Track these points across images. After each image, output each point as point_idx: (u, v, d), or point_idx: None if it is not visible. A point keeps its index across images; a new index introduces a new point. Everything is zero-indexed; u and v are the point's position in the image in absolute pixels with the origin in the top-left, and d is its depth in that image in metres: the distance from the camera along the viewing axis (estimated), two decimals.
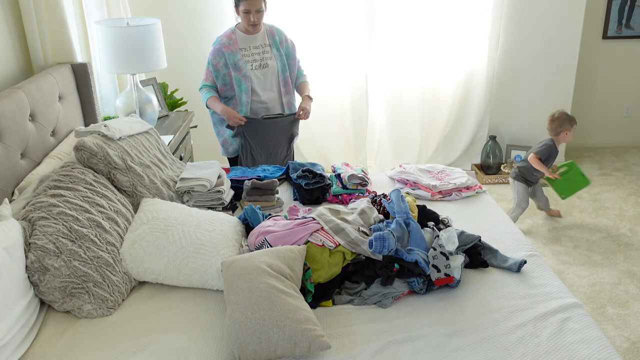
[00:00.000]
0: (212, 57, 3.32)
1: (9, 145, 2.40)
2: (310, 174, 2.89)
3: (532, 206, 4.35)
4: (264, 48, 3.35)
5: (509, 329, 1.93)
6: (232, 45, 3.30)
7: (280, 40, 3.38)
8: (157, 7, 4.39)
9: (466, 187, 2.97)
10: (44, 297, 2.02)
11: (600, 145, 5.54)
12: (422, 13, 4.48)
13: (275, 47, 3.36)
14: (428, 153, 4.93)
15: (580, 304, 2.06)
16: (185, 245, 2.21)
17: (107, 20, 3.37)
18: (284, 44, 3.40)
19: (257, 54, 3.33)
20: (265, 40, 3.36)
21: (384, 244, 2.13)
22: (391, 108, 4.73)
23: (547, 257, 3.66)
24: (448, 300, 2.10)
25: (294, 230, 2.24)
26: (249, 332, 1.79)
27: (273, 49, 3.36)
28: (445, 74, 4.69)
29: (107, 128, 2.59)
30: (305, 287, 2.08)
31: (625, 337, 2.92)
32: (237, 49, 3.30)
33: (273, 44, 3.36)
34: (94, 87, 3.17)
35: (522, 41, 4.73)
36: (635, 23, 5.08)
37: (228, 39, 3.32)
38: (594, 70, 5.26)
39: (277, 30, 3.41)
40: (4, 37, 2.75)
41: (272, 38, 3.36)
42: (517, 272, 2.26)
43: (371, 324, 1.97)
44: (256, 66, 3.32)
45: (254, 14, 3.18)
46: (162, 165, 2.80)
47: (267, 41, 3.36)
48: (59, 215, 2.10)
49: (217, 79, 3.35)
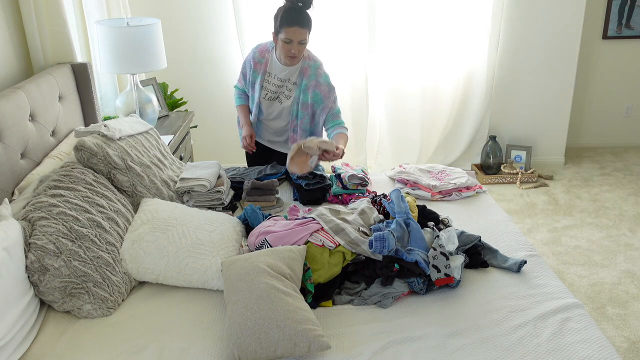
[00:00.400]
0: (243, 65, 3.09)
1: (9, 145, 2.40)
2: (310, 175, 2.89)
3: (531, 206, 4.35)
4: (287, 84, 2.96)
5: (509, 329, 1.93)
6: (262, 64, 2.97)
7: (308, 86, 2.92)
8: (157, 7, 4.39)
9: (466, 187, 2.97)
10: (44, 297, 2.02)
11: (600, 145, 5.54)
12: (422, 13, 4.48)
13: (299, 89, 2.94)
14: (428, 153, 4.93)
15: (580, 304, 2.06)
16: (185, 245, 2.21)
17: (107, 20, 3.37)
18: (312, 89, 2.93)
19: (278, 85, 2.97)
20: (294, 77, 2.94)
21: (384, 244, 2.13)
22: (391, 108, 4.73)
23: (547, 257, 3.66)
24: (448, 300, 2.10)
25: (294, 230, 2.24)
26: (249, 332, 1.79)
27: (297, 89, 2.95)
28: (446, 74, 4.69)
29: (107, 128, 2.59)
30: (305, 287, 2.08)
31: (625, 337, 2.92)
32: (262, 71, 2.97)
33: (299, 85, 2.94)
34: (94, 87, 3.17)
35: (522, 41, 4.73)
36: (635, 23, 5.08)
37: (261, 55, 2.98)
38: (594, 70, 5.26)
39: (312, 71, 2.93)
40: (4, 37, 2.75)
41: (301, 78, 2.93)
42: (517, 272, 2.26)
43: (371, 324, 1.97)
44: (269, 97, 3.01)
45: (296, 45, 2.76)
46: (162, 165, 2.80)
47: (295, 79, 2.94)
48: (59, 215, 2.10)
49: (245, 85, 3.15)
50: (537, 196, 4.54)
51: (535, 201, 4.45)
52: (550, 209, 4.32)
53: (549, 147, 5.09)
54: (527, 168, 4.88)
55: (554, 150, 5.11)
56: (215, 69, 4.62)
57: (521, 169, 4.85)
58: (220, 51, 4.57)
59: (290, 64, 2.89)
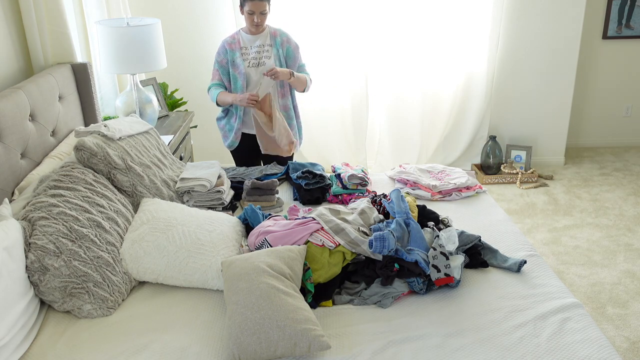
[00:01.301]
0: (217, 55, 3.39)
1: (9, 145, 2.40)
2: (310, 175, 2.89)
3: (531, 206, 4.36)
4: (264, 47, 3.37)
5: (509, 329, 1.93)
6: (235, 44, 3.36)
7: (282, 41, 3.38)
8: (157, 7, 4.39)
9: (466, 187, 2.97)
10: (44, 297, 2.02)
11: (600, 145, 5.54)
12: (422, 13, 4.48)
13: (275, 47, 3.37)
14: (428, 153, 4.93)
15: (580, 304, 2.06)
16: (185, 245, 2.21)
17: (107, 20, 3.37)
18: (285, 44, 3.38)
19: (256, 52, 3.36)
20: (267, 40, 3.38)
21: (384, 244, 2.13)
22: (391, 108, 4.73)
23: (547, 257, 3.66)
24: (448, 300, 2.10)
25: (294, 230, 2.24)
26: (249, 332, 1.79)
27: (273, 48, 3.37)
28: (446, 74, 4.69)
29: (107, 128, 2.59)
30: (305, 287, 2.08)
31: (625, 337, 2.92)
32: (237, 47, 3.35)
33: (274, 44, 3.37)
34: (94, 87, 3.17)
35: (522, 41, 4.73)
36: (635, 23, 5.08)
37: (232, 38, 3.39)
38: (594, 70, 5.26)
39: (280, 32, 3.41)
40: (4, 37, 2.75)
41: (274, 39, 3.38)
42: (517, 272, 2.26)
43: (371, 324, 1.97)
44: (253, 64, 3.34)
45: (258, 15, 3.23)
46: (162, 165, 2.80)
47: (269, 41, 3.38)
48: (59, 215, 2.10)
49: (223, 75, 3.39)
50: (537, 196, 4.54)
51: (535, 201, 4.45)
52: (550, 209, 4.32)
53: (549, 147, 5.09)
54: (527, 168, 4.88)
55: (554, 150, 5.11)
56: None
57: (521, 169, 4.85)
58: None
59: (256, 32, 3.33)
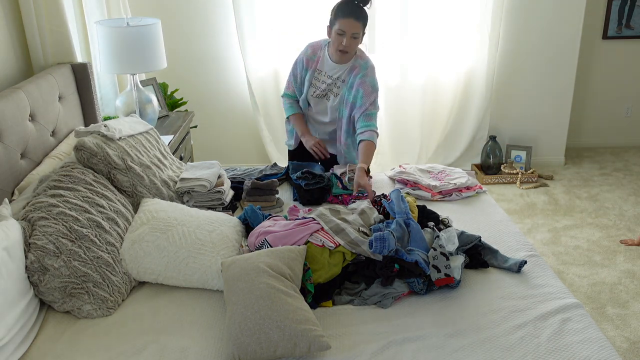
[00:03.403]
0: (295, 66, 3.06)
1: (9, 145, 2.40)
2: (310, 175, 2.89)
3: (531, 206, 4.36)
4: (337, 82, 2.95)
5: (509, 329, 1.93)
6: (314, 61, 2.97)
7: (355, 83, 2.92)
8: (157, 7, 4.39)
9: (466, 187, 2.97)
10: (43, 297, 2.02)
11: (600, 145, 5.54)
12: (422, 14, 4.48)
13: (346, 86, 2.94)
14: (428, 153, 4.93)
15: (580, 304, 2.06)
16: (185, 245, 2.21)
17: (107, 20, 3.37)
18: (356, 88, 2.91)
19: (327, 83, 2.96)
20: (343, 75, 2.94)
21: (384, 244, 2.13)
22: (391, 108, 4.73)
23: (547, 257, 3.66)
24: (448, 301, 2.10)
25: (294, 230, 2.24)
26: (249, 333, 1.79)
27: (344, 87, 2.94)
28: (445, 74, 4.69)
29: (107, 128, 2.59)
30: (305, 288, 2.08)
31: (625, 337, 2.92)
32: (313, 68, 2.97)
33: (347, 83, 2.94)
34: (94, 87, 3.17)
35: (522, 41, 4.73)
36: (635, 23, 5.08)
37: (313, 52, 2.97)
38: (594, 70, 5.26)
39: (362, 69, 2.91)
40: (4, 37, 2.75)
41: (349, 76, 2.93)
42: (518, 273, 2.26)
43: (371, 324, 1.97)
44: (318, 94, 3.01)
45: (348, 38, 2.75)
46: (162, 165, 2.80)
47: (344, 77, 2.94)
48: (59, 215, 2.10)
49: (296, 89, 3.09)
50: (537, 196, 4.54)
51: (535, 201, 4.45)
52: (550, 209, 4.32)
53: (549, 147, 5.09)
54: (527, 168, 4.88)
55: (554, 150, 5.11)
56: (215, 69, 4.62)
57: (521, 169, 4.85)
58: (220, 51, 4.57)
59: (340, 61, 2.89)
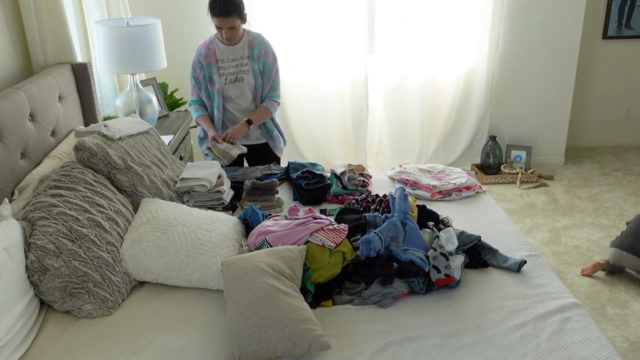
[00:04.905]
0: (193, 69, 3.18)
1: (9, 145, 2.40)
2: (310, 175, 2.89)
3: (531, 206, 4.36)
4: (242, 60, 3.12)
5: (509, 329, 1.93)
6: (210, 56, 3.11)
7: (260, 54, 3.12)
8: (157, 7, 4.39)
9: (466, 187, 2.97)
10: (44, 297, 2.02)
11: (600, 145, 5.54)
12: (422, 13, 4.48)
13: (252, 60, 3.12)
14: (428, 153, 4.93)
15: (580, 304, 2.06)
16: (185, 245, 2.21)
17: (107, 20, 3.37)
18: (263, 58, 3.13)
19: (234, 66, 3.12)
20: (244, 52, 3.12)
21: (370, 246, 2.17)
22: (391, 108, 4.73)
23: (547, 257, 3.66)
24: (448, 300, 2.10)
25: (294, 230, 2.24)
26: (249, 332, 1.79)
27: (251, 61, 3.12)
28: (445, 74, 4.69)
29: (107, 128, 2.59)
30: (305, 287, 2.08)
31: (625, 337, 2.92)
32: (213, 61, 3.11)
33: (251, 56, 3.12)
34: (94, 87, 3.17)
35: (522, 41, 4.73)
36: (635, 23, 5.08)
37: (207, 49, 3.13)
38: (594, 70, 5.25)
39: (259, 42, 3.14)
40: (4, 37, 2.75)
41: (251, 50, 3.12)
42: (517, 272, 2.26)
43: (371, 324, 1.97)
44: (230, 80, 3.13)
45: (227, 31, 2.99)
46: (162, 165, 2.80)
47: (247, 53, 3.12)
48: (59, 215, 2.10)
49: (200, 91, 3.19)
50: (537, 196, 4.54)
51: (535, 201, 4.45)
52: (550, 209, 4.32)
53: (549, 147, 5.09)
54: (527, 168, 4.88)
55: (554, 150, 5.11)
56: None
57: (521, 169, 4.85)
58: None
59: (230, 44, 3.10)
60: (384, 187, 3.03)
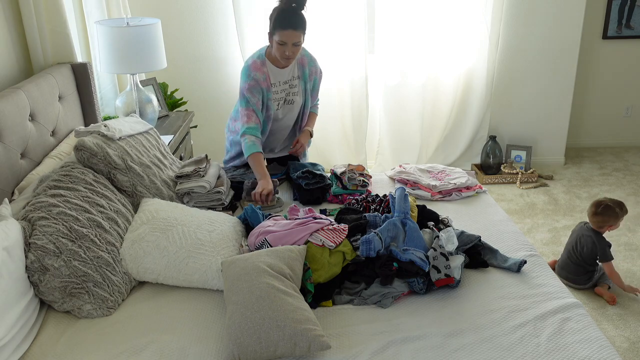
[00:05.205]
0: (251, 95, 2.82)
1: (9, 145, 2.40)
2: (310, 175, 2.89)
3: (531, 206, 4.36)
4: (292, 82, 2.93)
5: (509, 329, 1.93)
6: (266, 81, 2.85)
7: (310, 72, 2.96)
8: (157, 7, 4.39)
9: (466, 187, 2.97)
10: (44, 297, 2.02)
11: (600, 145, 5.54)
12: (422, 14, 4.48)
13: (304, 80, 2.93)
14: (428, 153, 4.93)
15: (580, 304, 2.06)
16: (185, 245, 2.21)
17: (107, 20, 3.37)
18: (313, 76, 2.98)
19: (284, 89, 2.92)
20: (294, 72, 2.92)
21: (370, 246, 2.17)
22: (391, 108, 4.73)
23: (547, 257, 3.66)
24: (448, 300, 2.10)
25: (294, 230, 2.24)
26: (249, 332, 1.79)
27: (301, 82, 2.94)
28: (445, 74, 4.69)
29: (107, 128, 2.59)
30: (305, 287, 2.08)
31: (625, 337, 2.92)
32: (269, 86, 2.86)
33: (302, 77, 2.92)
34: (94, 87, 3.17)
35: (522, 41, 4.73)
36: (635, 23, 5.08)
37: (261, 73, 2.84)
38: (594, 70, 5.26)
39: (309, 60, 2.96)
40: (4, 37, 2.75)
41: (302, 69, 2.93)
42: (517, 272, 2.26)
43: (371, 324, 1.97)
44: (280, 105, 2.93)
45: (290, 47, 2.72)
46: (162, 165, 2.80)
47: (297, 73, 2.92)
48: (59, 215, 2.10)
49: (259, 117, 2.88)
50: (537, 196, 4.54)
51: (535, 201, 4.45)
52: (550, 209, 4.32)
53: (549, 147, 5.09)
54: (527, 168, 4.88)
55: (554, 150, 5.11)
56: (215, 69, 4.62)
57: (521, 169, 4.85)
58: (220, 51, 4.57)
59: (285, 65, 2.86)
60: (384, 187, 3.03)
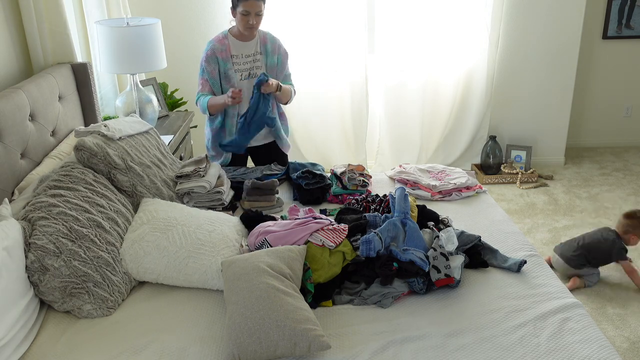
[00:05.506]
0: (207, 63, 3.07)
1: (9, 145, 2.40)
2: (310, 175, 2.89)
3: (531, 206, 4.36)
4: (255, 56, 3.13)
5: (509, 329, 1.93)
6: (225, 51, 3.06)
7: (273, 49, 3.15)
8: (157, 7, 4.39)
9: (466, 187, 2.97)
10: (44, 297, 2.02)
11: (600, 145, 5.54)
12: (422, 14, 4.48)
13: (266, 55, 3.14)
14: (428, 153, 4.93)
15: (580, 304, 2.06)
16: (185, 245, 2.21)
17: (107, 20, 3.37)
18: (276, 52, 3.16)
19: (248, 62, 3.12)
20: (257, 47, 3.13)
21: (370, 246, 2.17)
22: (391, 108, 4.73)
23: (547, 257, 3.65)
24: (448, 300, 2.10)
25: (294, 230, 2.24)
26: (249, 332, 1.79)
27: (263, 57, 3.14)
28: (446, 74, 4.69)
29: (107, 128, 2.59)
30: (305, 287, 2.08)
31: (625, 337, 2.92)
32: (228, 57, 3.07)
33: (264, 52, 3.13)
34: (94, 87, 3.17)
35: (522, 41, 4.73)
36: (635, 23, 5.08)
37: (221, 44, 3.07)
38: (594, 70, 5.26)
39: (270, 38, 3.17)
40: (4, 37, 2.75)
41: (264, 46, 3.14)
42: (517, 272, 2.27)
43: (371, 324, 1.98)
44: (245, 76, 3.11)
45: (253, 16, 2.95)
46: (162, 165, 2.80)
47: (259, 49, 3.13)
48: (59, 215, 2.10)
49: (213, 87, 3.10)
50: (537, 196, 4.54)
51: (535, 201, 4.45)
52: (550, 209, 4.32)
53: (549, 147, 5.09)
54: (527, 168, 4.88)
55: (554, 150, 5.11)
56: None
57: (521, 169, 4.85)
58: None
59: (249, 36, 3.09)
60: (384, 187, 3.03)
